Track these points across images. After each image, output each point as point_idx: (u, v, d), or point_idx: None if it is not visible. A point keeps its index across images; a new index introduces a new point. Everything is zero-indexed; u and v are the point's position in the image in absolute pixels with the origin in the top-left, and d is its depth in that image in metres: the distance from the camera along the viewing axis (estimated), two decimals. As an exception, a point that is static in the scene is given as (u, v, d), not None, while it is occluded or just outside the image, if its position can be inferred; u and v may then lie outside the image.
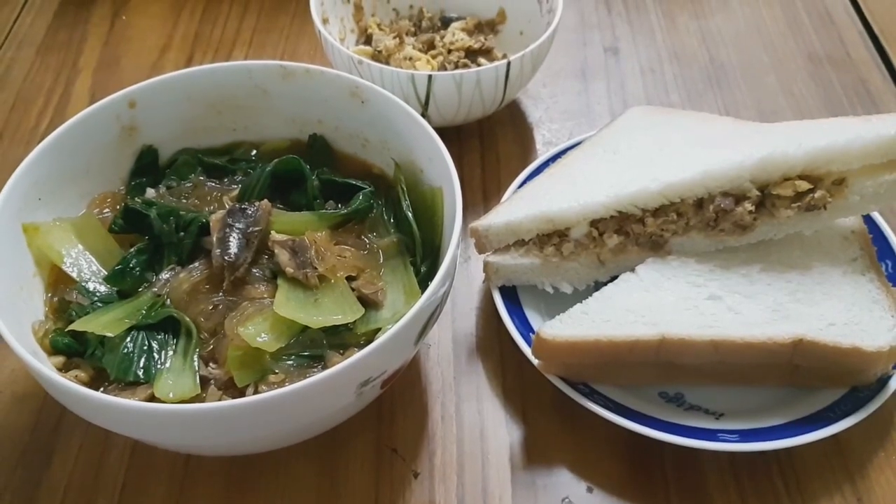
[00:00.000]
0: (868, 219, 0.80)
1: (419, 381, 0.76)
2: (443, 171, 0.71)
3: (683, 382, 0.72)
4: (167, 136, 0.80)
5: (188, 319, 0.67)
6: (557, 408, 0.73)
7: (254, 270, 0.69)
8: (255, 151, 0.82)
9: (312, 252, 0.69)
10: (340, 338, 0.67)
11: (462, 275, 0.83)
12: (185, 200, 0.76)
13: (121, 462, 0.70)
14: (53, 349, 0.66)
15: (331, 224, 0.74)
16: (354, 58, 0.86)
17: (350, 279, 0.70)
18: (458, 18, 1.03)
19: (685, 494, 0.69)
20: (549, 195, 0.78)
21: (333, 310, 0.67)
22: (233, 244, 0.69)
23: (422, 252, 0.73)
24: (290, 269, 0.68)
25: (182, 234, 0.72)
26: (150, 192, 0.76)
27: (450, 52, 0.97)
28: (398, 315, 0.66)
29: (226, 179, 0.79)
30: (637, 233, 0.75)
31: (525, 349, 0.71)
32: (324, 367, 0.64)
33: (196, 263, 0.70)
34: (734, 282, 0.72)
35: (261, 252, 0.70)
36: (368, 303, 0.69)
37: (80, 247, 0.71)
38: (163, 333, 0.67)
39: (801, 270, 0.73)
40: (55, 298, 0.69)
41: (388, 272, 0.72)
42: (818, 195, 0.71)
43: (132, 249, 0.72)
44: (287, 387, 0.57)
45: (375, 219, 0.75)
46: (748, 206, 0.72)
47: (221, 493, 0.69)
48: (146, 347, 0.65)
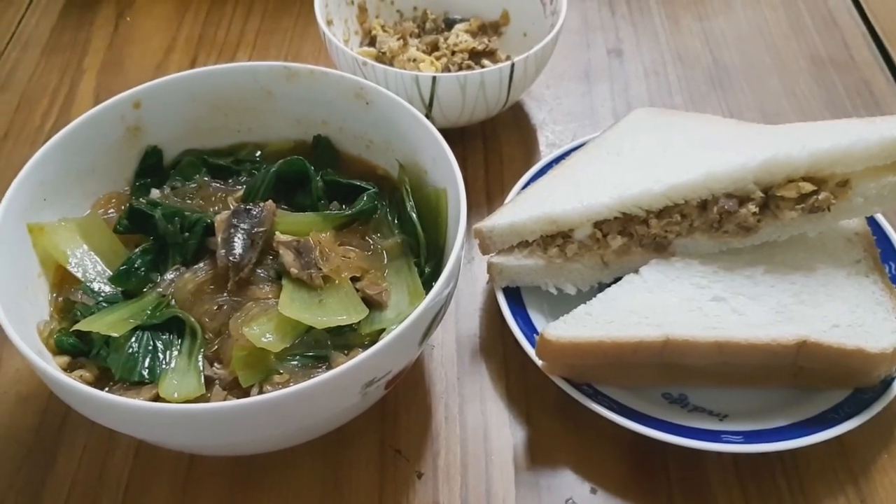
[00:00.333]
0: (872, 221, 0.80)
1: (423, 382, 0.76)
2: (447, 173, 0.71)
3: (687, 384, 0.72)
4: (172, 137, 0.80)
5: (193, 320, 0.67)
6: (561, 409, 0.73)
7: (258, 271, 0.70)
8: (260, 152, 0.82)
9: (317, 253, 0.69)
10: (345, 338, 0.67)
11: (466, 276, 0.83)
12: (190, 201, 0.76)
13: (125, 462, 0.70)
14: (58, 349, 0.66)
15: (335, 225, 0.74)
16: (359, 59, 0.87)
17: (354, 280, 0.70)
18: (462, 20, 1.03)
19: (689, 495, 0.69)
20: (553, 196, 0.78)
21: (338, 310, 0.67)
22: (237, 245, 0.69)
23: (426, 253, 0.73)
24: (295, 270, 0.68)
25: (187, 235, 0.72)
26: (155, 193, 0.77)
27: (454, 54, 0.97)
28: (402, 316, 0.67)
29: (230, 180, 0.79)
30: (641, 234, 0.75)
31: (529, 350, 0.71)
32: (328, 368, 0.64)
33: (201, 264, 0.70)
34: (738, 283, 0.73)
35: (265, 253, 0.71)
36: (373, 303, 0.69)
37: (85, 247, 0.71)
38: (167, 334, 0.67)
39: (805, 272, 0.73)
40: (60, 298, 0.69)
41: (393, 273, 0.72)
42: (822, 197, 0.71)
43: (137, 250, 0.72)
44: (292, 387, 0.57)
45: (380, 220, 0.75)
46: (752, 208, 0.72)
47: (225, 494, 0.69)
48: (151, 347, 0.65)
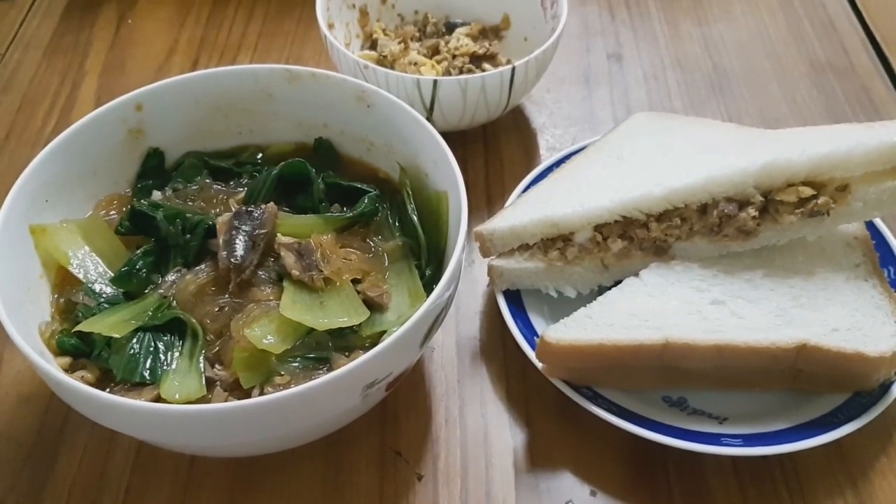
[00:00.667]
0: (870, 225, 0.80)
1: (423, 385, 0.76)
2: (448, 176, 0.71)
3: (687, 387, 0.72)
4: (173, 139, 0.80)
5: (194, 321, 0.67)
6: (561, 411, 0.73)
7: (260, 273, 0.70)
8: (261, 155, 0.82)
9: (318, 255, 0.70)
10: (346, 340, 0.67)
11: (466, 279, 0.84)
12: (192, 203, 0.76)
13: (125, 463, 0.70)
14: (60, 350, 0.66)
15: (336, 227, 0.74)
16: (360, 62, 0.87)
17: (355, 282, 0.70)
18: (463, 24, 1.04)
19: (688, 498, 0.69)
20: (554, 200, 0.78)
21: (339, 312, 0.67)
22: (239, 246, 0.69)
23: (426, 255, 0.73)
24: (296, 272, 0.68)
25: (188, 237, 0.72)
26: (157, 195, 0.77)
27: (454, 58, 0.97)
28: (403, 318, 0.67)
29: (231, 182, 0.79)
30: (641, 238, 0.75)
31: (529, 353, 0.72)
32: (329, 370, 0.65)
33: (202, 265, 0.71)
34: (738, 287, 0.73)
35: (267, 254, 0.71)
36: (374, 305, 0.69)
37: (87, 248, 0.71)
38: (169, 335, 0.67)
39: (805, 276, 0.73)
40: (61, 299, 0.69)
41: (393, 275, 0.72)
42: (821, 201, 0.71)
43: (138, 251, 0.72)
44: (293, 388, 0.57)
45: (380, 222, 0.76)
46: (752, 212, 0.72)
47: (225, 495, 0.69)
48: (152, 349, 0.66)
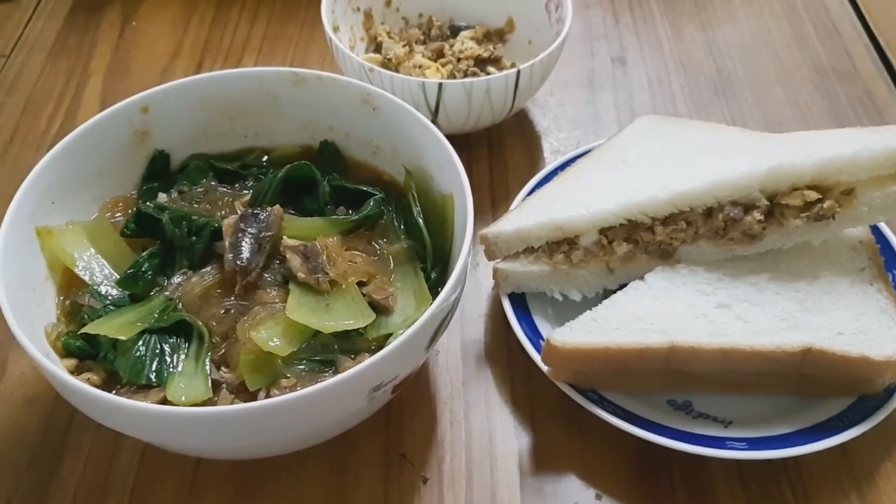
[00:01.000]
0: (875, 229, 0.80)
1: (428, 388, 0.76)
2: (454, 178, 0.71)
3: (692, 390, 0.72)
4: (179, 142, 0.80)
5: (200, 323, 0.67)
6: (566, 414, 0.73)
7: (265, 275, 0.70)
8: (267, 157, 0.82)
9: (324, 257, 0.70)
10: (351, 343, 0.67)
11: (471, 281, 0.84)
12: (197, 205, 0.76)
13: (130, 465, 0.70)
14: (65, 352, 0.66)
15: (342, 230, 0.74)
16: (365, 65, 0.87)
17: (361, 284, 0.70)
18: (467, 27, 1.04)
19: (693, 502, 0.69)
20: (559, 203, 0.78)
21: (345, 315, 0.67)
22: (245, 249, 0.69)
23: (432, 258, 0.73)
24: (302, 274, 0.68)
25: (194, 239, 0.72)
26: (162, 197, 0.77)
27: (459, 61, 0.97)
28: (409, 321, 0.67)
29: (237, 185, 0.79)
30: (646, 241, 0.75)
31: (534, 356, 0.72)
32: (335, 372, 0.65)
33: (208, 268, 0.71)
34: (743, 290, 0.73)
35: (272, 257, 0.71)
36: (379, 308, 0.69)
37: (93, 250, 0.71)
38: (175, 337, 0.67)
39: (810, 280, 0.73)
40: (67, 301, 0.69)
41: (399, 278, 0.72)
42: (827, 205, 0.72)
43: (144, 253, 0.72)
44: (299, 391, 0.57)
45: (386, 225, 0.76)
46: (757, 216, 0.72)
47: (230, 498, 0.69)
48: (158, 351, 0.66)
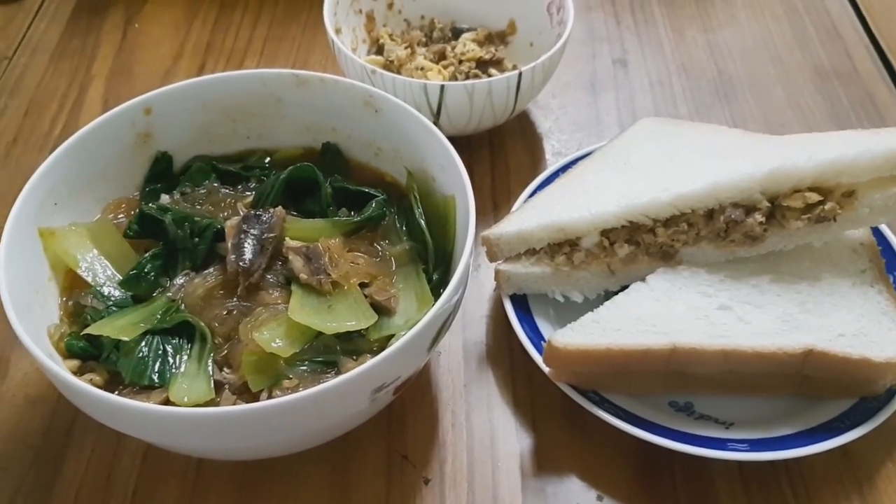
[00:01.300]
0: (877, 231, 0.80)
1: (430, 389, 0.76)
2: (455, 180, 0.71)
3: (693, 391, 0.72)
4: (181, 143, 0.80)
5: (203, 324, 0.67)
6: (567, 416, 0.73)
7: (268, 276, 0.70)
8: (269, 159, 0.82)
9: (326, 259, 0.70)
10: (353, 344, 0.67)
11: (473, 283, 0.84)
12: (200, 207, 0.77)
13: (133, 466, 0.71)
14: (68, 353, 0.66)
15: (344, 231, 0.74)
16: (367, 67, 0.87)
17: (363, 286, 0.70)
18: (469, 29, 1.04)
19: (695, 503, 0.69)
20: (560, 205, 0.78)
21: (347, 316, 0.67)
22: (248, 250, 0.69)
23: (434, 260, 0.73)
24: (304, 276, 0.68)
25: (196, 240, 0.72)
26: (165, 199, 0.77)
27: (461, 63, 0.98)
28: (411, 322, 0.67)
29: (239, 186, 0.79)
30: (648, 243, 0.76)
31: (536, 357, 0.72)
32: (337, 373, 0.65)
33: (210, 269, 0.71)
34: (744, 292, 0.73)
35: (275, 258, 0.71)
36: (381, 309, 0.69)
37: (96, 251, 0.71)
38: (177, 338, 0.67)
39: (811, 281, 0.74)
40: (70, 302, 0.70)
41: (401, 279, 0.72)
42: (828, 207, 0.72)
43: (147, 254, 0.72)
44: (301, 392, 0.57)
45: (388, 226, 0.76)
46: (758, 218, 0.73)
47: (233, 498, 0.69)
48: (161, 352, 0.66)
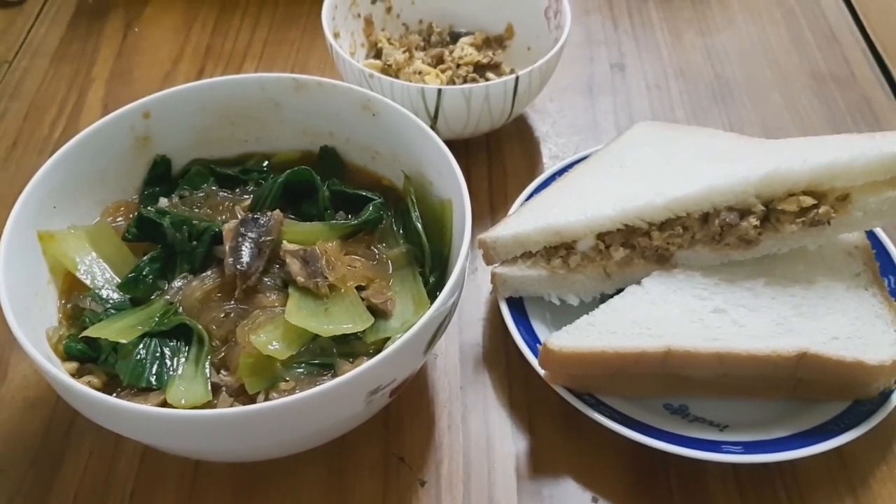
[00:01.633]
0: (871, 235, 0.80)
1: (426, 391, 0.76)
2: (452, 184, 0.72)
3: (688, 394, 0.72)
4: (180, 147, 0.81)
5: (200, 327, 0.67)
6: (563, 418, 0.74)
7: (265, 279, 0.70)
8: (267, 162, 0.83)
9: (323, 262, 0.70)
10: (350, 346, 0.68)
11: (469, 286, 0.84)
12: (198, 210, 0.77)
13: (130, 468, 0.71)
14: (67, 355, 0.66)
15: (341, 234, 0.75)
16: (365, 71, 0.88)
17: (360, 289, 0.71)
18: (467, 33, 1.04)
19: (689, 505, 0.69)
20: (557, 208, 0.79)
21: (343, 319, 0.68)
22: (245, 253, 0.70)
23: (430, 263, 0.73)
24: (301, 279, 0.69)
25: (195, 243, 0.73)
26: (163, 202, 0.77)
27: (458, 67, 0.98)
28: (407, 325, 0.67)
29: (237, 190, 0.80)
30: (643, 246, 0.76)
31: (532, 360, 0.72)
32: (334, 375, 0.65)
33: (208, 272, 0.71)
34: (739, 295, 0.73)
35: (272, 261, 0.71)
36: (378, 312, 0.70)
37: (94, 254, 0.72)
38: (175, 340, 0.68)
39: (805, 285, 0.74)
40: (69, 305, 0.70)
41: (398, 282, 0.73)
42: (822, 211, 0.72)
43: (145, 257, 0.72)
44: (298, 394, 0.57)
45: (385, 230, 0.76)
46: (753, 221, 0.73)
47: (230, 500, 0.70)
48: (158, 354, 0.66)
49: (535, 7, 1.00)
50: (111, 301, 0.70)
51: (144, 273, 0.71)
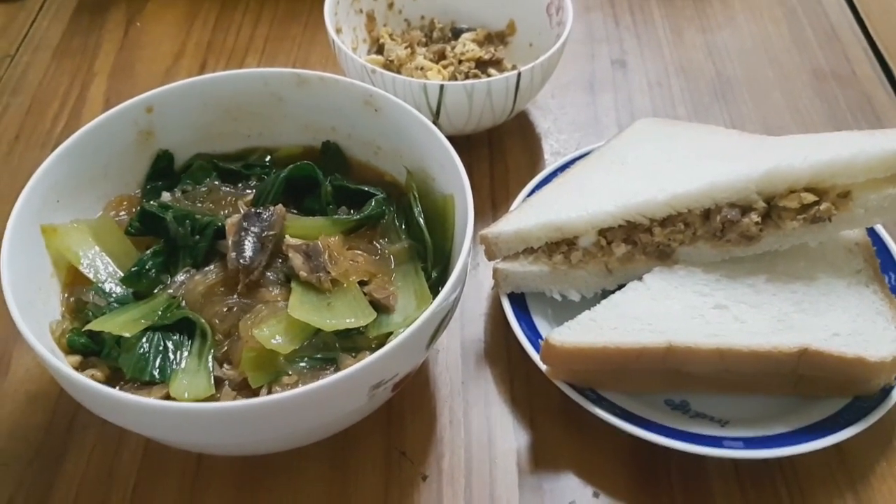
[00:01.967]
0: (872, 231, 0.81)
1: (428, 386, 0.77)
2: (455, 180, 0.72)
3: (689, 390, 0.73)
4: (183, 141, 0.81)
5: (203, 321, 0.68)
6: (564, 413, 0.74)
7: (268, 274, 0.71)
8: (270, 157, 0.83)
9: (326, 256, 0.70)
10: (352, 341, 0.68)
11: (471, 281, 0.84)
12: (200, 204, 0.77)
13: (133, 461, 0.71)
14: (70, 348, 0.67)
15: (344, 229, 0.75)
16: (368, 67, 0.88)
17: (362, 284, 0.71)
18: (469, 29, 1.04)
19: (690, 500, 0.69)
20: (558, 204, 0.79)
21: (346, 313, 0.68)
22: (248, 248, 0.70)
23: (433, 258, 0.74)
24: (304, 273, 0.69)
25: (197, 238, 0.73)
26: (166, 196, 0.77)
27: (460, 63, 0.98)
28: (409, 319, 0.68)
29: (240, 184, 0.80)
30: (645, 242, 0.76)
31: (533, 355, 0.72)
32: (336, 370, 0.65)
33: (211, 266, 0.72)
34: (740, 292, 0.74)
35: (275, 256, 0.72)
36: (380, 307, 0.70)
37: (97, 248, 0.72)
38: (178, 334, 0.68)
39: (806, 281, 0.74)
40: (72, 299, 0.70)
41: (400, 277, 0.73)
42: (823, 207, 0.72)
43: (148, 251, 0.73)
44: (300, 388, 0.58)
45: (387, 225, 0.76)
46: (754, 218, 0.73)
47: (232, 493, 0.70)
48: (161, 348, 0.66)
49: (537, 4, 1.00)
50: (114, 295, 0.70)
51: (147, 267, 0.72)
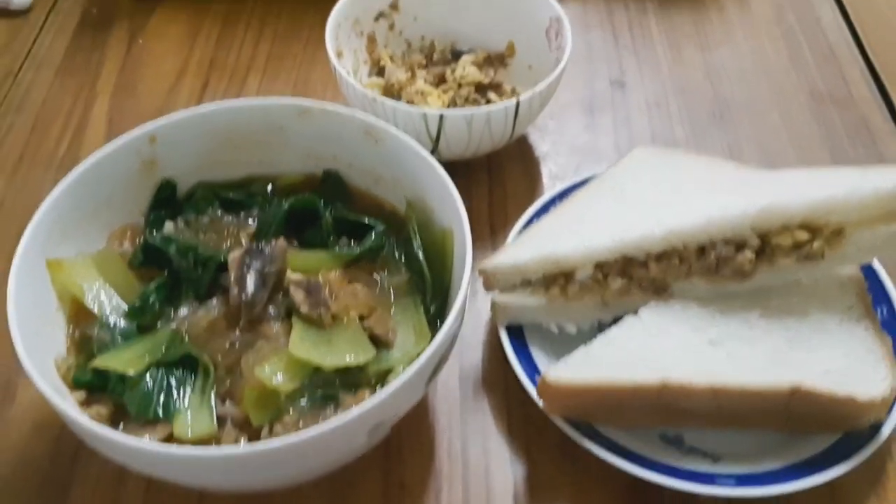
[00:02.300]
0: (866, 265, 0.81)
1: (426, 417, 0.78)
2: (453, 214, 0.73)
3: (683, 425, 0.74)
4: (185, 170, 0.82)
5: (206, 358, 0.69)
6: (561, 447, 0.75)
7: (269, 308, 0.72)
8: (271, 185, 0.84)
9: (326, 291, 0.71)
10: (352, 377, 0.69)
11: (469, 310, 0.85)
12: (203, 235, 0.78)
13: (138, 492, 0.72)
14: (76, 385, 0.68)
15: (344, 263, 0.76)
16: (368, 95, 0.88)
17: (361, 318, 0.72)
18: (469, 51, 1.05)
19: (682, 534, 0.71)
20: (556, 236, 0.80)
21: (346, 350, 0.69)
22: (250, 284, 0.71)
23: (431, 292, 0.75)
24: (305, 308, 0.70)
25: (200, 271, 0.74)
26: (169, 226, 0.79)
27: (460, 87, 0.99)
28: (408, 356, 0.69)
29: (242, 213, 0.81)
30: (640, 276, 0.77)
31: (530, 389, 0.73)
32: (336, 407, 0.67)
33: (213, 300, 0.73)
34: (734, 328, 0.74)
35: (276, 290, 0.73)
36: (379, 342, 0.71)
37: (101, 281, 0.73)
38: (181, 369, 0.69)
39: (799, 317, 0.75)
40: (77, 332, 0.71)
41: (399, 311, 0.74)
42: (816, 245, 0.73)
43: (151, 284, 0.74)
44: (301, 434, 0.58)
45: (387, 257, 0.77)
46: (748, 255, 0.74)
47: (234, 524, 0.71)
48: (165, 385, 0.67)
49: (537, 27, 1.01)
50: (118, 328, 0.71)
51: (151, 301, 0.72)
